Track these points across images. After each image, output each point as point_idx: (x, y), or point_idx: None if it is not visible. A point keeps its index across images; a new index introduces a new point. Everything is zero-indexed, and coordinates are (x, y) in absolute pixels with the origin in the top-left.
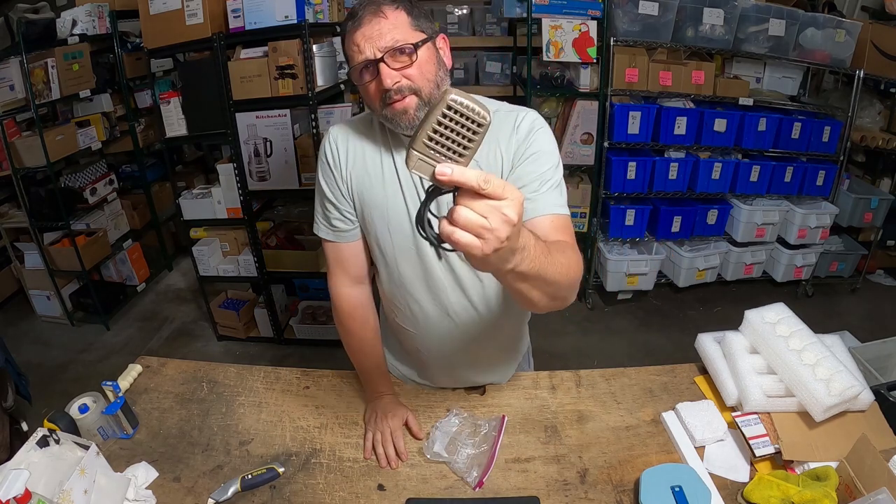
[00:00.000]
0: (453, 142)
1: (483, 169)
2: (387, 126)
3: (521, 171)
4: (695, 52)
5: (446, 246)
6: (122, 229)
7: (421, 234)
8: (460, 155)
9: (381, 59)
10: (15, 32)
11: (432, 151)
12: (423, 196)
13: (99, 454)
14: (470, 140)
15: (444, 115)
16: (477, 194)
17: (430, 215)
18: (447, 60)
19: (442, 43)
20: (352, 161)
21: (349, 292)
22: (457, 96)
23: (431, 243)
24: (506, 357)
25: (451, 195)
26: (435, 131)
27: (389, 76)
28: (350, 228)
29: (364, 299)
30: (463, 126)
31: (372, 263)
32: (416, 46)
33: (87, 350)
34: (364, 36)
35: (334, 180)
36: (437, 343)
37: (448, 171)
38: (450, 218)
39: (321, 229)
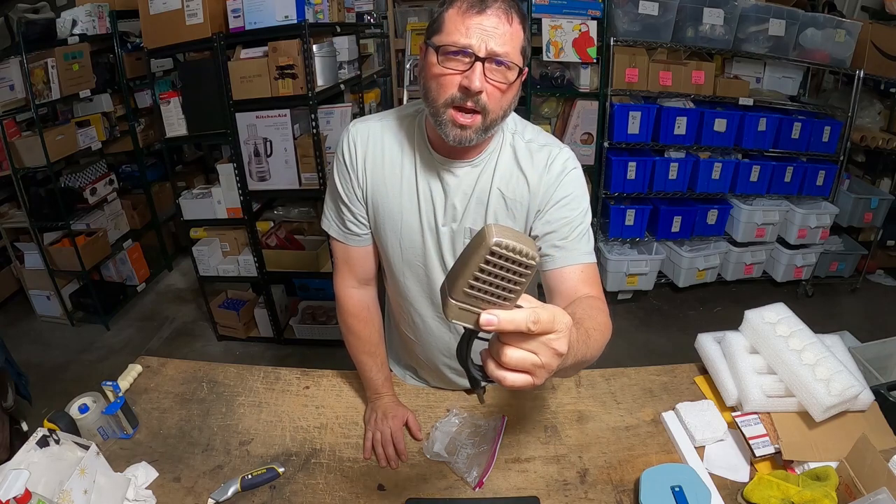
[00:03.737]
0: (497, 287)
1: (509, 203)
2: (426, 120)
3: (551, 216)
4: (695, 52)
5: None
6: (122, 229)
7: (464, 367)
8: (505, 299)
9: (483, 60)
10: (15, 32)
11: (474, 300)
12: (437, 214)
13: (99, 454)
14: (516, 283)
15: (487, 262)
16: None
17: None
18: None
19: (523, 76)
20: (370, 166)
21: (355, 293)
22: (500, 239)
23: (476, 381)
24: None
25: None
26: (476, 279)
27: (481, 79)
28: (363, 233)
29: (369, 300)
30: (508, 271)
31: (380, 266)
32: (520, 71)
33: (87, 350)
34: (481, 26)
35: (350, 182)
36: (437, 353)
37: (494, 319)
38: (497, 358)
39: (332, 228)
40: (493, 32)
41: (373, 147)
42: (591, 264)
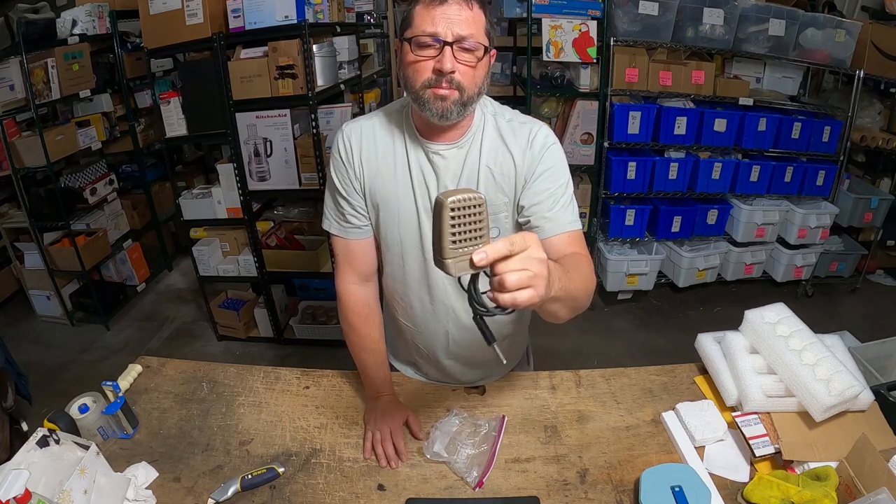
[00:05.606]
0: (470, 230)
1: (497, 178)
2: (412, 108)
3: (537, 187)
4: (695, 52)
5: (507, 309)
6: (122, 229)
7: (481, 313)
8: (480, 237)
9: (451, 44)
10: (15, 32)
11: (460, 250)
12: (431, 196)
13: (99, 454)
14: (480, 220)
15: (453, 217)
16: (506, 256)
17: (479, 294)
18: (490, 72)
19: (492, 57)
20: (365, 159)
21: (356, 290)
22: (451, 196)
23: (489, 314)
24: (507, 357)
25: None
26: (453, 234)
27: (451, 61)
28: (362, 225)
29: (370, 298)
30: (469, 214)
31: (380, 267)
32: (486, 50)
33: (87, 350)
34: (445, 14)
35: (347, 177)
36: (437, 341)
37: (483, 255)
38: (500, 287)
39: (332, 225)
40: (456, 18)
41: (366, 142)
42: (577, 231)
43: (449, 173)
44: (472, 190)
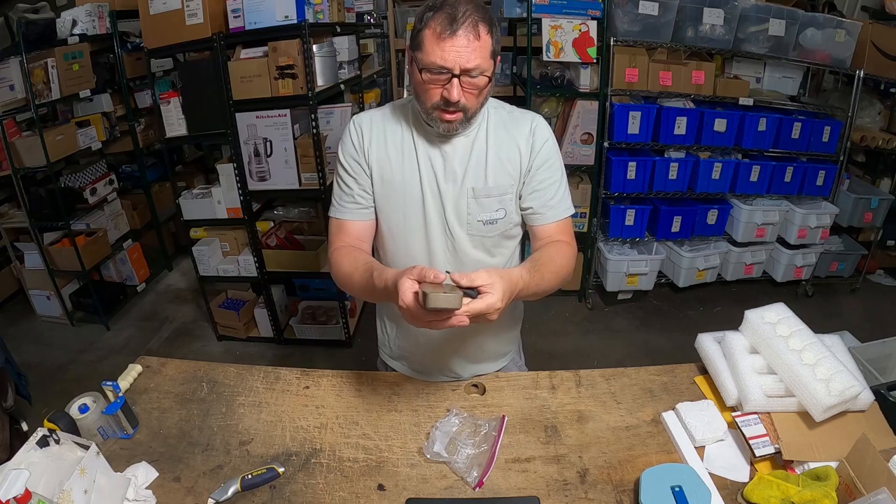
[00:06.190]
0: (443, 308)
1: (504, 162)
2: (420, 118)
3: (540, 176)
4: (695, 52)
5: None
6: (122, 229)
7: None
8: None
9: (458, 76)
10: (15, 32)
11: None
12: (438, 179)
13: (99, 454)
14: (452, 307)
15: (429, 310)
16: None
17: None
18: (493, 84)
19: (497, 62)
20: (374, 146)
21: (344, 245)
22: (431, 306)
23: None
24: (499, 349)
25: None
26: (428, 311)
27: (459, 92)
28: (361, 208)
29: (359, 249)
30: (442, 308)
31: (373, 253)
32: (490, 79)
33: (87, 350)
34: (454, 48)
35: (356, 160)
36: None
37: (447, 315)
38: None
39: (337, 210)
40: (464, 51)
41: (376, 130)
42: (569, 217)
43: (456, 158)
44: (453, 299)
